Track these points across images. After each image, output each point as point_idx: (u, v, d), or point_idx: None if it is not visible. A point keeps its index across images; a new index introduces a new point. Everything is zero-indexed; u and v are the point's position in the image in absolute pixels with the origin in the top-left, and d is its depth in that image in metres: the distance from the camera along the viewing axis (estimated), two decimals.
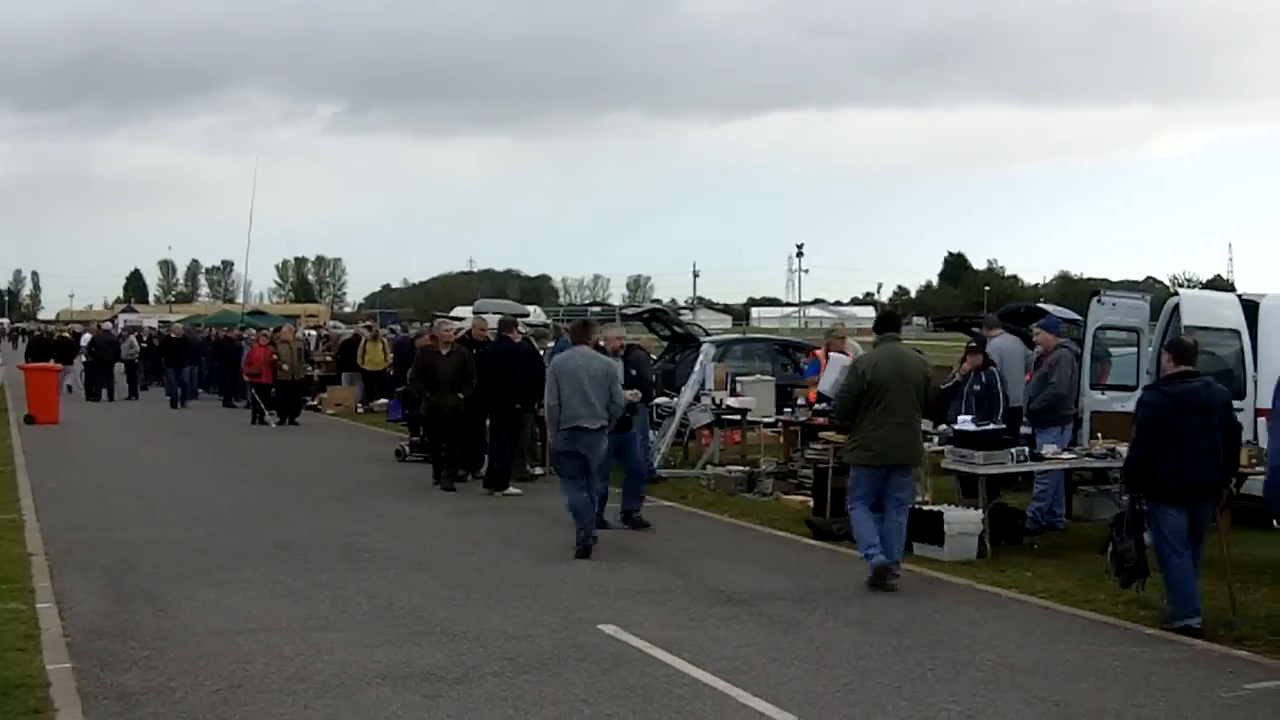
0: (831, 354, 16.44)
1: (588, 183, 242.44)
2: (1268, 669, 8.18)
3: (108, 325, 46.08)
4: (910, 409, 10.67)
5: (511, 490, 15.81)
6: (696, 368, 18.68)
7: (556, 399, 12.13)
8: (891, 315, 12.20)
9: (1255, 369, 12.85)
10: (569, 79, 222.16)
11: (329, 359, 32.88)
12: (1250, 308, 13.52)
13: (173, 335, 34.71)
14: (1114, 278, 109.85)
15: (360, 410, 29.19)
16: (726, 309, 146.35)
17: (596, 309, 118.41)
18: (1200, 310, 13.93)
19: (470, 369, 16.13)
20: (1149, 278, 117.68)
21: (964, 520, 11.71)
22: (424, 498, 15.60)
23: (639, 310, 30.35)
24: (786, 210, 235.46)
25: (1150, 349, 13.82)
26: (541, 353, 17.60)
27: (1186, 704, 7.38)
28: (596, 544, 11.90)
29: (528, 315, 32.36)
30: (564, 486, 12.29)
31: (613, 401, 12.20)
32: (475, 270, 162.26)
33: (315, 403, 29.89)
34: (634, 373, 13.96)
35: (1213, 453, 9.13)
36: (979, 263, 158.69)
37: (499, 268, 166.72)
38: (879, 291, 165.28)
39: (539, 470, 17.40)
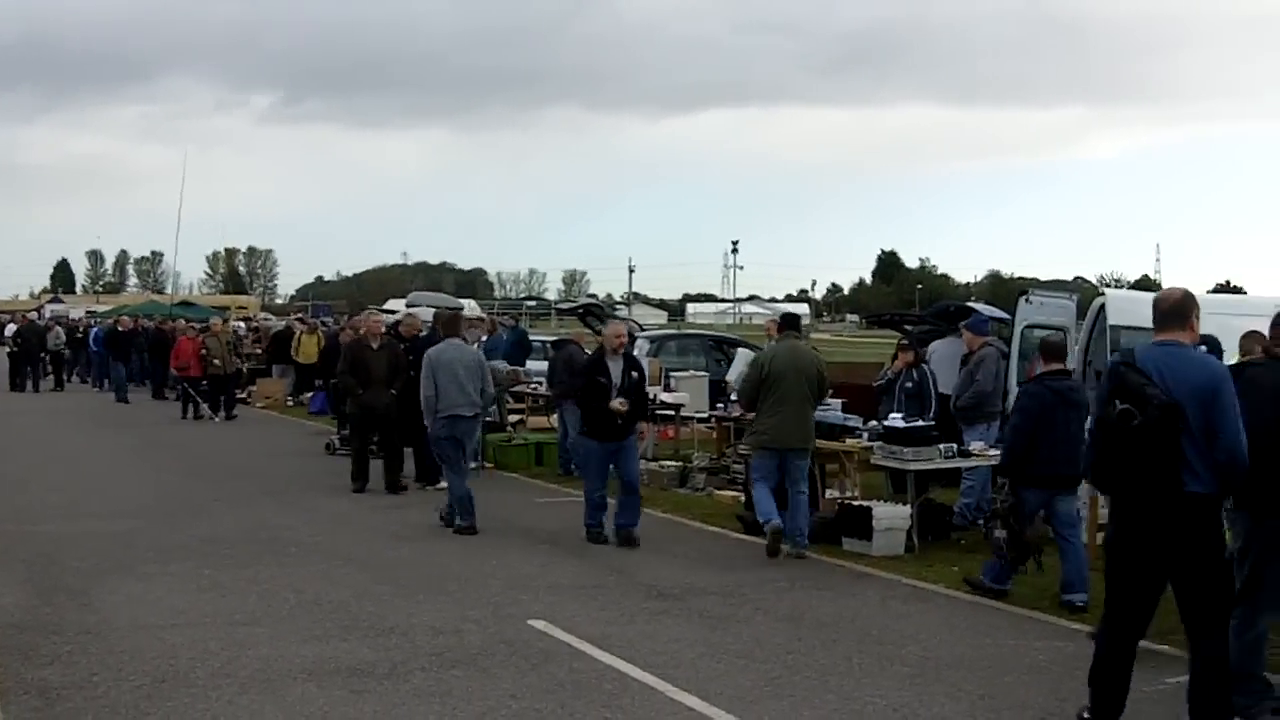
0: (739, 349, 16.99)
1: (525, 176, 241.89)
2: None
3: (33, 315, 45.30)
4: (803, 399, 11.71)
5: (443, 484, 15.69)
6: None
7: (433, 389, 12.84)
8: (792, 316, 13.19)
9: None
10: (508, 72, 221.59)
11: (259, 351, 32.53)
12: None
13: (120, 328, 33.88)
14: (1044, 277, 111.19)
15: (290, 403, 28.93)
16: (662, 304, 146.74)
17: (532, 303, 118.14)
18: (1126, 310, 14.10)
19: (401, 363, 15.98)
20: (1078, 277, 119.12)
21: (892, 516, 11.82)
22: (353, 492, 15.45)
23: (574, 305, 30.30)
24: (723, 207, 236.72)
25: (1077, 348, 13.99)
26: (475, 346, 17.48)
27: None
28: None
29: (462, 309, 32.11)
30: (451, 476, 13.11)
31: (484, 391, 13.19)
32: (409, 263, 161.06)
33: (245, 395, 29.58)
34: (635, 375, 12.46)
35: (1078, 446, 9.67)
36: (911, 261, 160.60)
37: (434, 261, 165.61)
38: (813, 289, 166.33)
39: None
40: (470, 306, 50.73)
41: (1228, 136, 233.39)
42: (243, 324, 40.56)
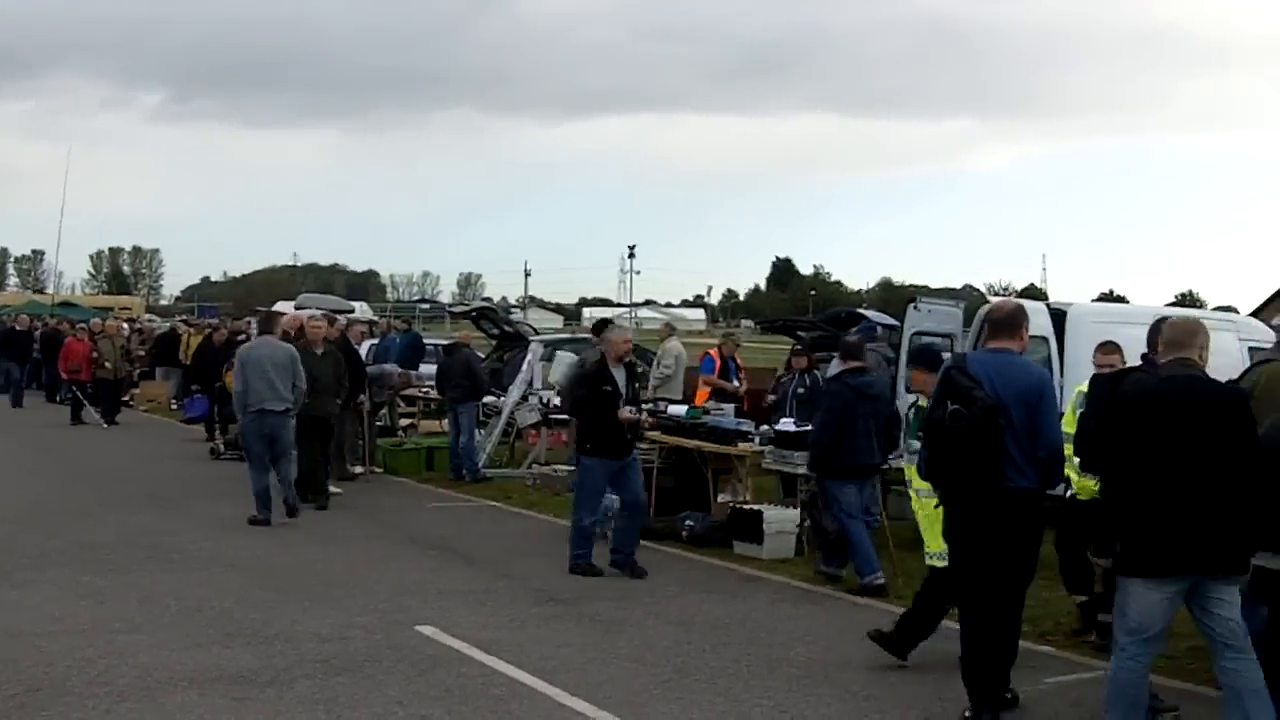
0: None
1: (420, 179, 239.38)
2: (1068, 663, 8.50)
3: None
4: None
5: (331, 489, 15.51)
6: (524, 367, 18.65)
7: (244, 385, 13.30)
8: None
9: (1061, 375, 13.30)
10: (403, 73, 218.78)
11: (142, 353, 31.81)
12: (1058, 316, 13.99)
13: (17, 327, 32.59)
14: (934, 285, 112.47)
15: (175, 406, 28.35)
16: (558, 308, 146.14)
17: (425, 306, 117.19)
18: None
19: (343, 369, 15.47)
20: (967, 285, 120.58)
21: (782, 519, 11.91)
22: (237, 497, 15.13)
23: (468, 308, 30.15)
24: (620, 212, 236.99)
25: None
26: (365, 349, 17.30)
27: None
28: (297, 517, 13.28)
29: (352, 311, 31.81)
30: (252, 470, 13.41)
31: (295, 386, 13.45)
32: (299, 265, 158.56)
33: (127, 398, 28.90)
34: (638, 386, 11.94)
35: (878, 436, 10.67)
36: (806, 268, 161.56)
37: (325, 262, 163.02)
38: (709, 294, 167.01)
39: (359, 469, 17.15)
40: (362, 309, 50.38)
41: (1111, 150, 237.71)
42: (126, 325, 39.67)
